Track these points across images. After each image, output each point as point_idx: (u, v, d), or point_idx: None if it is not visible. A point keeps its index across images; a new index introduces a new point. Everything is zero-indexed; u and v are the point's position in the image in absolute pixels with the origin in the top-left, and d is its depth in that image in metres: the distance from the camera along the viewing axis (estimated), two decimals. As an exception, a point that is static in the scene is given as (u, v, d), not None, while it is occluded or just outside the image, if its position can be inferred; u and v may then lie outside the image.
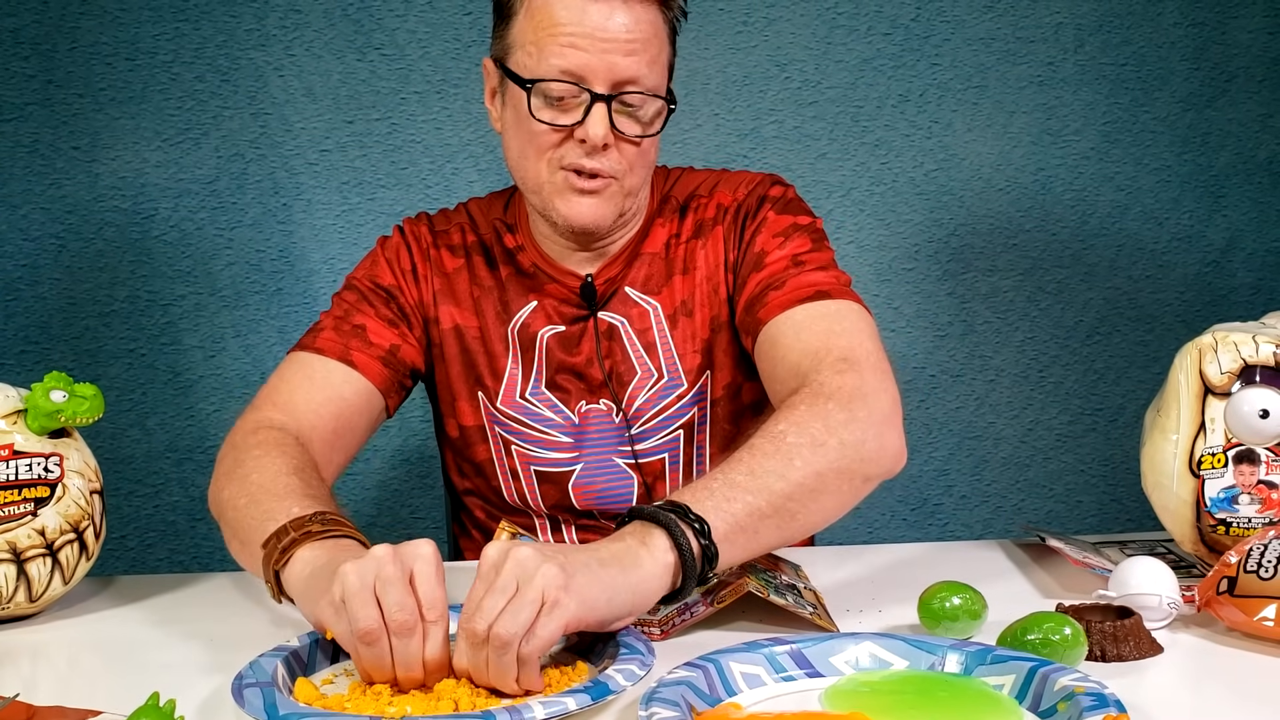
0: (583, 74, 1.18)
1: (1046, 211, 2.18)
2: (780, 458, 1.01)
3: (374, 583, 0.88)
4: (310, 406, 1.24)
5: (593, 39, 1.17)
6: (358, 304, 1.32)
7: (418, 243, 1.36)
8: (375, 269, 1.35)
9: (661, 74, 1.23)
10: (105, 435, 2.09)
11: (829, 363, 1.11)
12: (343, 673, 0.95)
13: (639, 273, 1.32)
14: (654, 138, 1.24)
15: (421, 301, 1.34)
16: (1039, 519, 2.23)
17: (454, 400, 1.35)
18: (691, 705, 0.82)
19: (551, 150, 1.22)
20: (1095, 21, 2.14)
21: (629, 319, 1.32)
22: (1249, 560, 0.98)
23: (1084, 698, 0.78)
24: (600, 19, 1.17)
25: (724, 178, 1.36)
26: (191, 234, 2.13)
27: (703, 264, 1.32)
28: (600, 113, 1.18)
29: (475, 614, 0.86)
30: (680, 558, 0.94)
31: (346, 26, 2.10)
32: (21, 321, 2.13)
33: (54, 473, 1.16)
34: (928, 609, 0.98)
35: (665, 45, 1.23)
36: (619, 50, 1.17)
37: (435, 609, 0.88)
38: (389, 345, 1.30)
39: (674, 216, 1.34)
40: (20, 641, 1.11)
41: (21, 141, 2.10)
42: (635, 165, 1.23)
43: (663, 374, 1.31)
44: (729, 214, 1.32)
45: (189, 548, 2.18)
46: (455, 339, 1.34)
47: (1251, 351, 1.09)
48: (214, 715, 0.89)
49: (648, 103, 1.21)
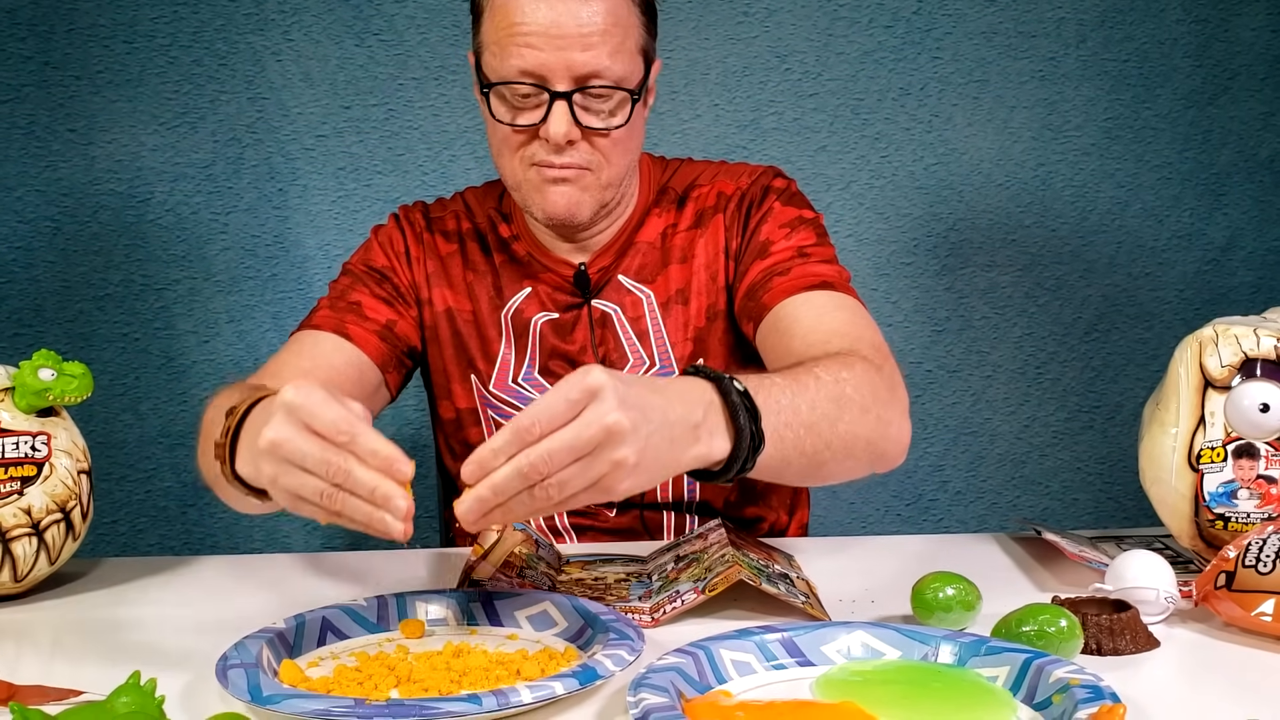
0: (541, 73, 1.16)
1: (1046, 207, 2.17)
2: (836, 406, 1.01)
3: (286, 457, 0.83)
4: (298, 374, 1.20)
5: (547, 36, 1.15)
6: (353, 285, 1.32)
7: (411, 227, 1.37)
8: (369, 254, 1.35)
9: (629, 61, 1.19)
10: (97, 419, 2.08)
11: (865, 347, 1.12)
12: (329, 655, 0.95)
13: (633, 261, 1.32)
14: (626, 128, 1.21)
15: (415, 283, 1.34)
16: (1035, 515, 2.22)
17: (447, 383, 1.35)
18: (681, 692, 0.81)
19: (521, 149, 1.21)
20: (1097, 17, 2.13)
21: (622, 307, 1.32)
22: (1247, 555, 0.97)
23: (1079, 690, 0.77)
24: (553, 14, 1.14)
25: (724, 168, 1.36)
26: (187, 218, 2.12)
27: (701, 253, 1.31)
28: (560, 111, 1.16)
29: (539, 446, 0.80)
30: (731, 455, 0.91)
31: (345, 12, 2.09)
32: (15, 304, 2.11)
33: (41, 451, 1.15)
34: (921, 599, 0.97)
35: (632, 29, 1.19)
36: (576, 45, 1.15)
37: (340, 430, 0.82)
38: (385, 320, 1.30)
39: (671, 207, 1.34)
40: (4, 621, 1.10)
41: (17, 123, 2.08)
42: (611, 156, 1.22)
43: (654, 361, 1.31)
44: (731, 202, 1.32)
45: (180, 533, 2.17)
46: (448, 321, 1.34)
47: (1252, 345, 1.08)
48: (198, 696, 0.88)
49: (615, 94, 1.19)
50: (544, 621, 0.99)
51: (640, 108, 1.23)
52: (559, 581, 1.12)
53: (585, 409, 0.82)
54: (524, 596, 1.01)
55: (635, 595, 1.07)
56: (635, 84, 1.20)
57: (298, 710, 0.79)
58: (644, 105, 1.25)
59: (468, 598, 1.02)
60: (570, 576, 1.14)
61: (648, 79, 1.24)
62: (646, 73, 1.23)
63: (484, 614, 1.01)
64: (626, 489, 0.85)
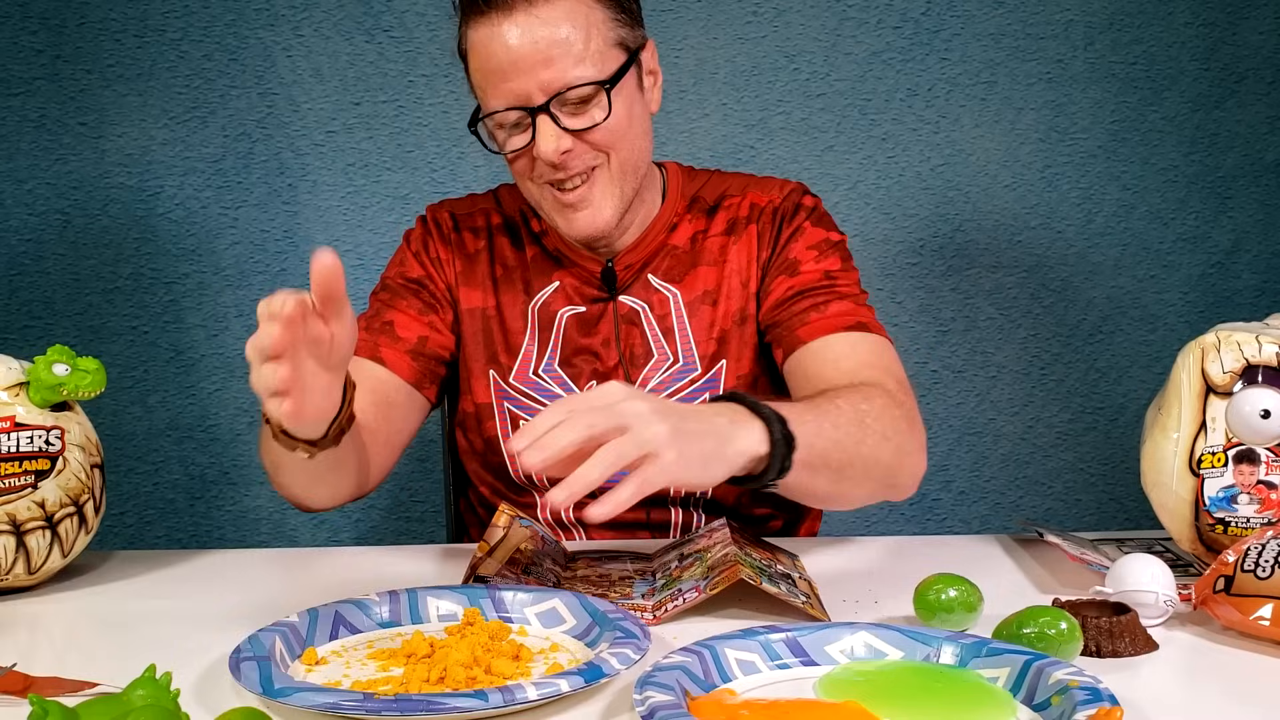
0: (517, 100, 1.20)
1: (1052, 209, 2.17)
2: (858, 429, 1.09)
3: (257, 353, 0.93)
4: None
5: (512, 63, 1.19)
6: (390, 301, 1.36)
7: (439, 228, 1.41)
8: (404, 265, 1.39)
9: (598, 60, 1.20)
10: (106, 412, 2.10)
11: (892, 382, 1.19)
12: (342, 649, 0.96)
13: (662, 263, 1.36)
14: (615, 116, 1.22)
15: (449, 284, 1.38)
16: (1037, 516, 2.23)
17: (469, 378, 1.38)
18: (686, 690, 0.82)
19: (529, 171, 1.26)
20: (1105, 19, 2.14)
21: (650, 305, 1.35)
22: (1246, 559, 0.98)
23: (1078, 691, 0.78)
24: (511, 42, 1.18)
25: (753, 180, 1.41)
26: (196, 212, 2.13)
27: (734, 259, 1.35)
28: (544, 126, 1.20)
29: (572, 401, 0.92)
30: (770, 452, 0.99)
31: (355, 8, 2.10)
32: (25, 297, 2.13)
33: (55, 446, 1.16)
34: (923, 600, 0.98)
35: (595, 27, 1.20)
36: (539, 64, 1.18)
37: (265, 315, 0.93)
38: (417, 337, 1.34)
39: (702, 215, 1.38)
40: (18, 613, 1.11)
41: (28, 117, 2.09)
42: (613, 145, 1.24)
43: (678, 358, 1.34)
44: (764, 214, 1.36)
45: (188, 525, 2.19)
46: (473, 319, 1.38)
47: (1254, 351, 1.09)
48: (211, 689, 0.89)
49: (590, 92, 1.21)
50: (552, 618, 1.00)
51: (628, 94, 1.24)
52: (564, 578, 1.13)
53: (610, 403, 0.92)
54: (533, 594, 1.02)
55: (639, 593, 1.08)
56: (609, 75, 1.21)
57: (308, 703, 0.80)
58: (638, 89, 1.27)
59: (478, 594, 1.03)
60: (575, 573, 1.15)
61: (629, 66, 1.24)
62: (629, 61, 1.24)
63: (493, 610, 1.02)
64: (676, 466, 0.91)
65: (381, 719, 0.78)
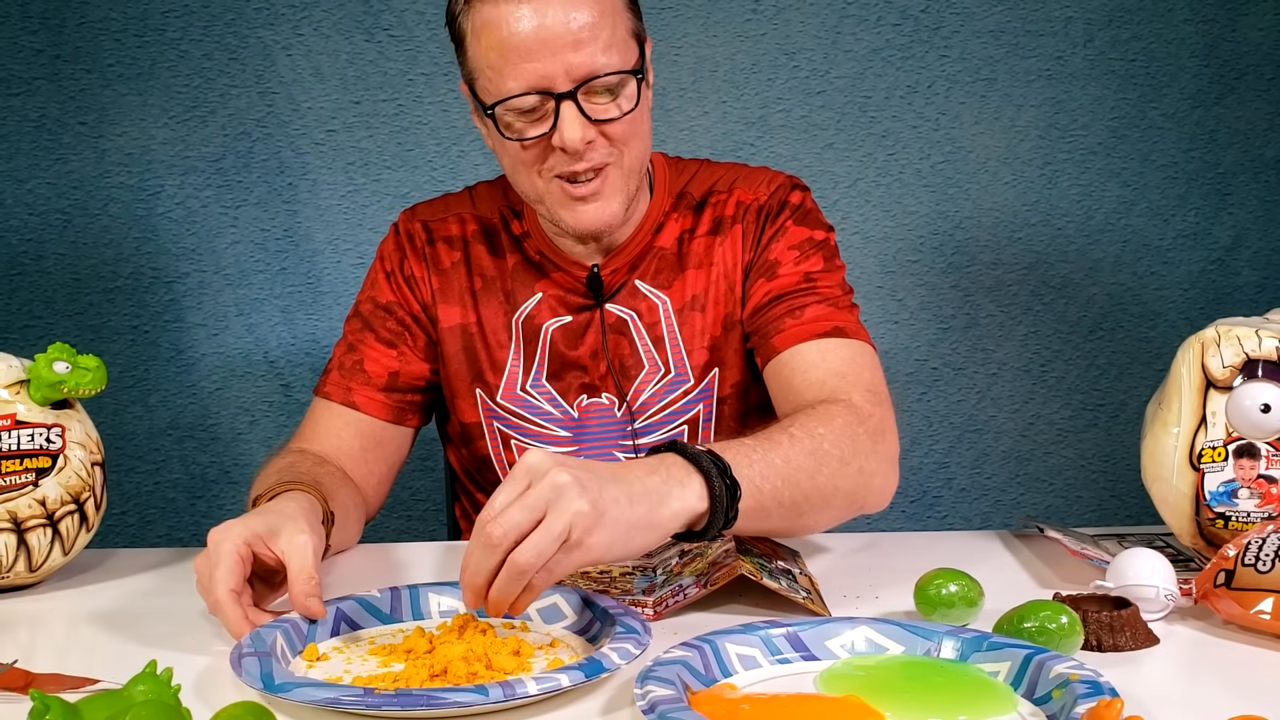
0: (540, 83, 1.14)
1: (1052, 206, 2.17)
2: (812, 460, 1.05)
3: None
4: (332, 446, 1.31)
5: (539, 43, 1.12)
6: (360, 332, 1.35)
7: (411, 243, 1.35)
8: (375, 289, 1.36)
9: (623, 48, 1.17)
10: (107, 411, 2.10)
11: (860, 389, 1.16)
12: (343, 645, 0.96)
13: (649, 266, 1.32)
14: (638, 110, 1.19)
15: (423, 303, 1.35)
16: (1038, 513, 2.23)
17: (455, 398, 1.35)
18: (687, 685, 0.82)
19: (539, 163, 1.20)
20: (1105, 16, 2.14)
21: (639, 312, 1.31)
22: (1247, 554, 0.98)
23: (1079, 685, 0.78)
24: (540, 20, 1.12)
25: (742, 173, 1.35)
26: (197, 212, 2.13)
27: (720, 261, 1.31)
28: (569, 114, 1.15)
29: (496, 520, 0.86)
30: (711, 508, 0.95)
31: (355, 7, 2.10)
32: (26, 296, 2.13)
33: (56, 443, 1.16)
34: (924, 595, 0.98)
35: (619, 15, 1.17)
36: (568, 47, 1.13)
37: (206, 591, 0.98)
38: (388, 374, 1.33)
39: (689, 212, 1.33)
40: (19, 610, 1.11)
41: (29, 116, 2.10)
42: (629, 141, 1.20)
43: (669, 369, 1.31)
44: (749, 212, 1.31)
45: (189, 524, 2.19)
46: (454, 337, 1.34)
47: (1254, 345, 1.09)
48: (212, 685, 0.89)
49: (617, 80, 1.17)
50: (554, 614, 1.00)
51: (645, 87, 1.22)
52: (566, 575, 1.13)
53: (530, 483, 0.88)
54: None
55: (639, 588, 1.08)
56: (633, 65, 1.18)
57: (309, 698, 0.80)
58: (647, 85, 1.24)
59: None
60: (577, 570, 1.15)
61: (644, 58, 1.22)
62: (641, 53, 1.22)
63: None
64: (602, 545, 0.88)
65: (382, 714, 0.79)
